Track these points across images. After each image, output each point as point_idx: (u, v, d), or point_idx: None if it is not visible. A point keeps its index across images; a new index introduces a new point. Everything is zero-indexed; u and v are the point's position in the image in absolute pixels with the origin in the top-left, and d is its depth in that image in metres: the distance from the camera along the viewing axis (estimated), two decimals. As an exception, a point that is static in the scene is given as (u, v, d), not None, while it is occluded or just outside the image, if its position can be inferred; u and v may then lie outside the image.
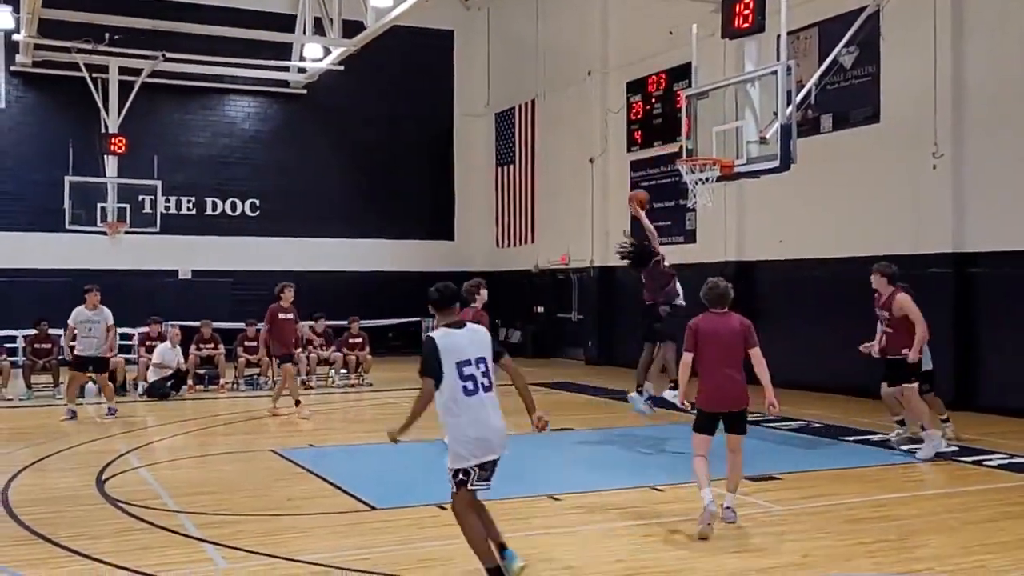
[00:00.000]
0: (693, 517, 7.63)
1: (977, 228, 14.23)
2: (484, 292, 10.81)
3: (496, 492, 8.40)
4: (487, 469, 5.80)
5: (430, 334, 6.03)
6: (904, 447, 10.65)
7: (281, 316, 14.30)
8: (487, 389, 5.81)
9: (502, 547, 5.90)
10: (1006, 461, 10.03)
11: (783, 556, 6.58)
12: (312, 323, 18.52)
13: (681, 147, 12.12)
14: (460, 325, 5.99)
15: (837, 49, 13.66)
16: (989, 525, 7.43)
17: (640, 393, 11.43)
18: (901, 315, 10.01)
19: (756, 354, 7.31)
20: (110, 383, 14.48)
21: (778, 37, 11.78)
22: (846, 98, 15.86)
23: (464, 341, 5.86)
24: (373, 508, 7.95)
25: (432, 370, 5.73)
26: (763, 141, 11.03)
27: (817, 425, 12.56)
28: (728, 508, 7.44)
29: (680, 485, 8.79)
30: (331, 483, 8.93)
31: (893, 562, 6.45)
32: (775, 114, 10.79)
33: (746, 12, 11.04)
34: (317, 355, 18.11)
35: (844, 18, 15.13)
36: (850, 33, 13.50)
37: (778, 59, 11.10)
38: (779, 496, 8.39)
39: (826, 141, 16.18)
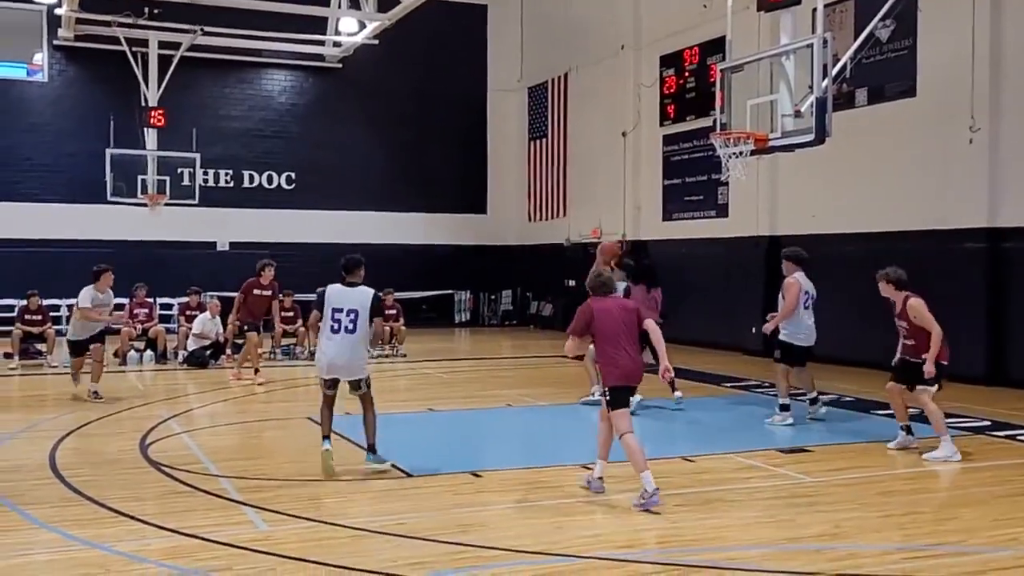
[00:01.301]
0: (725, 487, 7.68)
1: (1012, 203, 14.02)
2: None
3: (529, 461, 8.52)
4: (331, 382, 8.29)
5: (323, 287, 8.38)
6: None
7: (256, 291, 14.87)
8: (349, 332, 8.05)
9: (370, 447, 8.09)
10: (1038, 436, 9.94)
11: (813, 527, 6.57)
12: None
13: (715, 121, 12.01)
14: (353, 285, 8.32)
15: (874, 22, 13.45)
16: (1021, 499, 7.38)
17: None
18: (920, 323, 9.02)
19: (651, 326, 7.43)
20: (101, 362, 12.76)
21: (814, 10, 11.64)
22: (882, 72, 15.63)
23: (346, 296, 8.19)
24: (409, 475, 8.02)
25: (318, 307, 8.33)
26: (798, 115, 10.93)
27: (848, 399, 12.51)
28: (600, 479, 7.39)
29: (711, 455, 8.82)
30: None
31: (924, 534, 6.43)
32: (810, 88, 10.68)
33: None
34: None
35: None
36: (887, 6, 13.30)
37: (814, 32, 10.98)
38: (809, 468, 8.38)
39: (861, 115, 15.97)
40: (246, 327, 14.84)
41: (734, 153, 11.06)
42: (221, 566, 5.67)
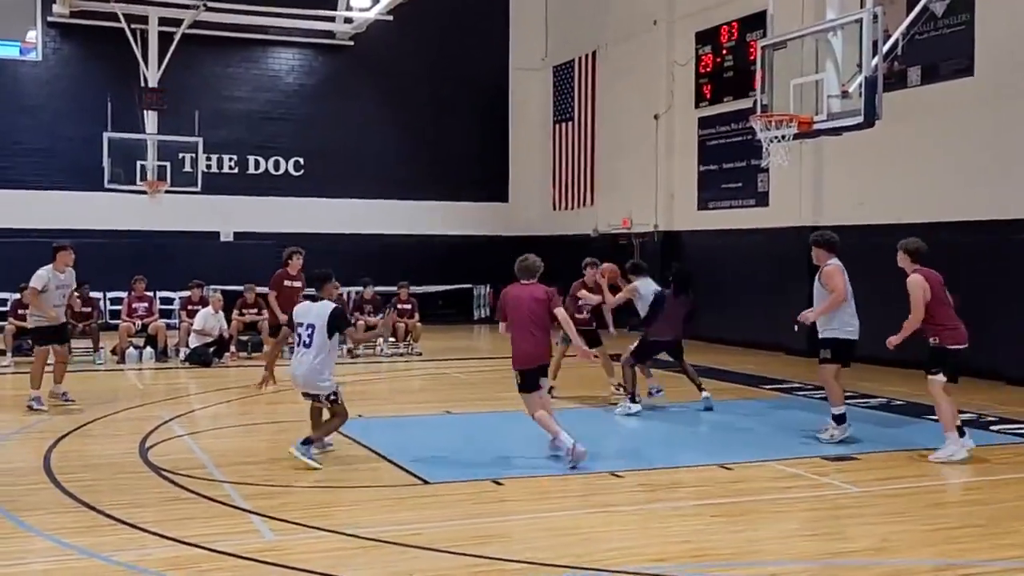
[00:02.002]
0: (764, 498, 7.66)
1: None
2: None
3: (552, 468, 8.52)
4: (304, 395, 8.99)
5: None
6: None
7: (287, 283, 14.67)
8: (306, 347, 8.69)
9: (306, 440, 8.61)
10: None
11: (859, 541, 6.56)
12: (360, 289, 18.74)
13: (755, 102, 11.95)
14: (316, 300, 8.99)
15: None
16: (1086, 512, 7.32)
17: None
18: (912, 302, 8.96)
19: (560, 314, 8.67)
20: (64, 362, 12.37)
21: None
22: (936, 49, 15.47)
23: (308, 311, 8.88)
24: (425, 482, 8.04)
25: (289, 322, 9.78)
26: (845, 95, 10.89)
27: (899, 403, 12.44)
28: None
29: (749, 463, 8.80)
30: (380, 455, 9.05)
31: (979, 549, 6.38)
32: (859, 66, 10.62)
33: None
34: (365, 323, 18.28)
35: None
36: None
37: (863, 6, 10.93)
38: (856, 477, 8.33)
39: (914, 95, 15.82)
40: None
41: (776, 137, 11.01)
42: (224, 579, 5.74)
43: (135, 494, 7.69)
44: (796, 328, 17.31)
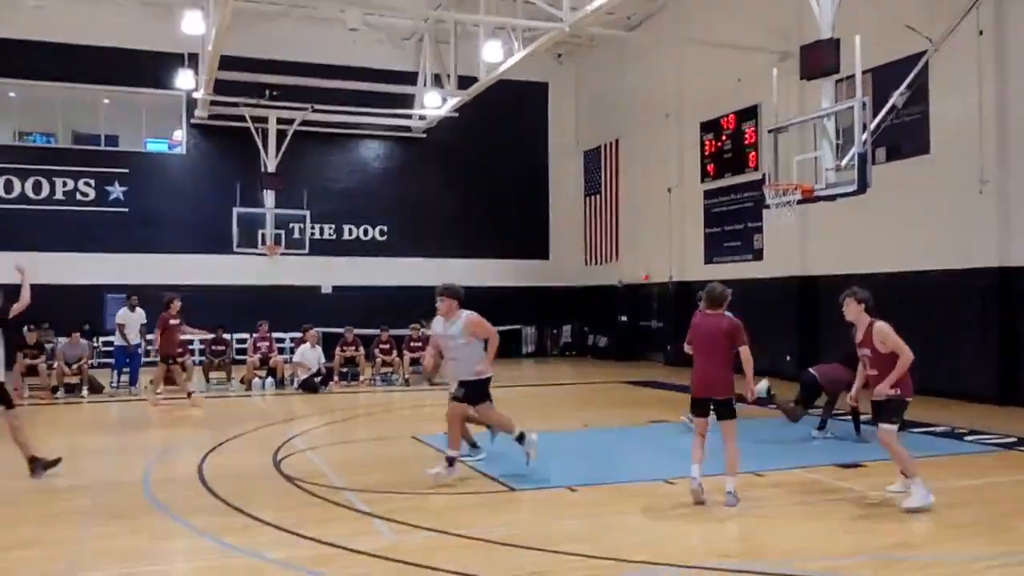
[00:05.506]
0: (800, 500, 7.21)
1: (1020, 245, 13.44)
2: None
3: (616, 476, 8.04)
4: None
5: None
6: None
7: (171, 322, 14.45)
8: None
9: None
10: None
11: (892, 537, 6.09)
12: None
13: (764, 175, 11.62)
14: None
15: (895, 95, 13.14)
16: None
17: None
18: (888, 349, 6.90)
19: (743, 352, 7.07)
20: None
21: (842, 79, 11.33)
22: (898, 133, 15.08)
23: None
24: (512, 489, 7.66)
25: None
26: (838, 168, 10.55)
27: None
28: (728, 492, 6.87)
29: (778, 471, 8.34)
30: (469, 466, 8.69)
31: (991, 544, 5.91)
32: (839, 146, 10.34)
33: (825, 55, 10.52)
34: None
35: (895, 64, 14.52)
36: (911, 76, 12.92)
37: (837, 100, 10.63)
38: (872, 482, 7.81)
39: (881, 170, 15.36)
40: (169, 359, 14.50)
41: (784, 202, 10.65)
42: (362, 574, 5.38)
43: (275, 499, 7.39)
44: (788, 357, 16.96)
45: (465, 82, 21.12)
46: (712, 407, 7.10)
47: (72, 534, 6.29)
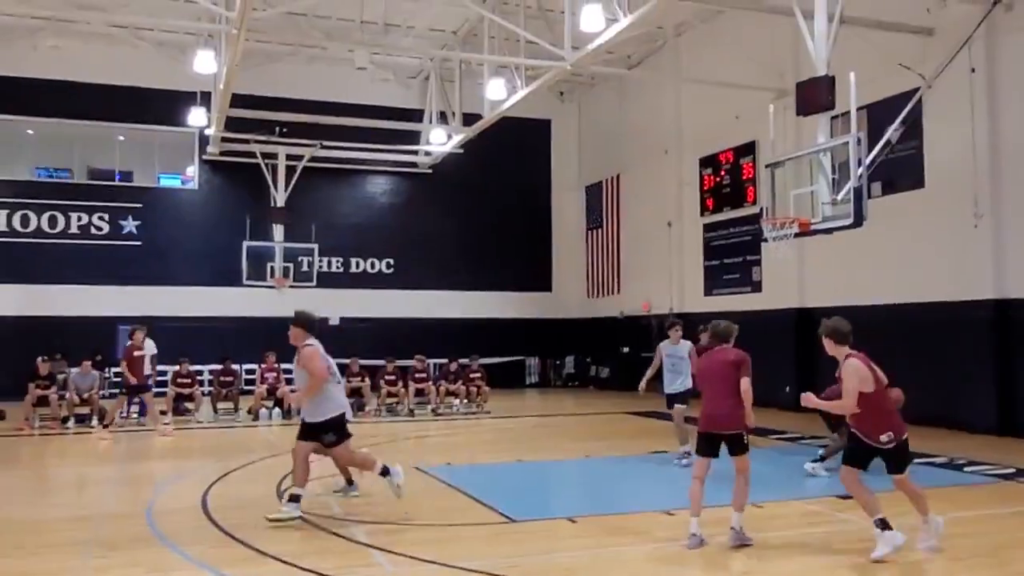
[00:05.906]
0: (797, 532, 7.05)
1: (1015, 277, 13.33)
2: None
3: (615, 507, 7.90)
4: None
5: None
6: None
7: (136, 353, 14.26)
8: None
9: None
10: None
11: (885, 570, 5.94)
12: (467, 361, 18.29)
13: (763, 208, 11.57)
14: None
15: (890, 131, 13.13)
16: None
17: None
18: (845, 386, 6.20)
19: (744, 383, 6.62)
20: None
21: (837, 116, 11.33)
22: (893, 167, 15.05)
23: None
24: (511, 520, 7.51)
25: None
26: (834, 202, 10.49)
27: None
28: (733, 529, 6.50)
29: (779, 502, 8.17)
30: (471, 496, 8.54)
31: (991, 575, 5.76)
32: (835, 180, 10.29)
33: (820, 92, 10.51)
34: (446, 388, 17.83)
35: (890, 100, 14.53)
36: (905, 111, 12.92)
37: (832, 135, 10.61)
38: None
39: (876, 204, 15.29)
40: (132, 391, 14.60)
41: (782, 235, 10.58)
42: (360, 606, 5.24)
43: (277, 530, 7.24)
44: (788, 388, 16.78)
45: (470, 119, 21.24)
46: (723, 443, 6.74)
47: (69, 565, 6.17)
